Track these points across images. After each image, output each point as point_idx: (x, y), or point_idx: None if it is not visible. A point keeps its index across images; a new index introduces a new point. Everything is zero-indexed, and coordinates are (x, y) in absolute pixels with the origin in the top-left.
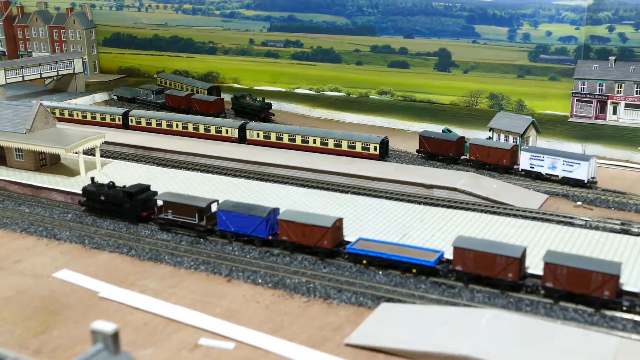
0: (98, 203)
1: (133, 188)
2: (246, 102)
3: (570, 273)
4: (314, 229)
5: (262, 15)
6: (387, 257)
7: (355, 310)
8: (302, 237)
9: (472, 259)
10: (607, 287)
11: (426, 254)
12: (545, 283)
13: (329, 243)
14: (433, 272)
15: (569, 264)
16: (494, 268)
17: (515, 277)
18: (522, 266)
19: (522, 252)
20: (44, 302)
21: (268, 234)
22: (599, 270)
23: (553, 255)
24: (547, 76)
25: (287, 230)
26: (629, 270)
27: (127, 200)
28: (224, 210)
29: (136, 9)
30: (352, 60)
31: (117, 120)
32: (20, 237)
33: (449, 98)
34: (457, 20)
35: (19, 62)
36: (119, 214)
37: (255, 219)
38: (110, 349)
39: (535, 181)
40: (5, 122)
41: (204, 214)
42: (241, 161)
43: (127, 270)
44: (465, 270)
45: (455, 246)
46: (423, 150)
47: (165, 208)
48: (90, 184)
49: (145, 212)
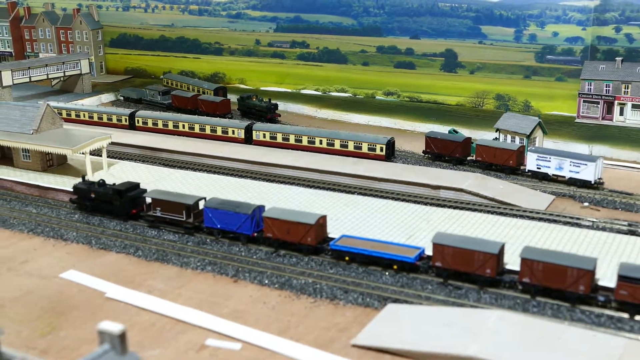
0: (88, 200)
1: (122, 186)
2: (252, 102)
3: (546, 268)
4: (298, 226)
5: (268, 16)
6: (368, 253)
7: (361, 311)
8: (287, 234)
9: (451, 255)
10: (582, 282)
11: (407, 250)
12: (522, 278)
13: (313, 240)
14: (414, 269)
15: (544, 260)
16: (472, 264)
17: (493, 273)
18: (500, 262)
19: (499, 248)
20: (51, 303)
21: (253, 230)
22: (574, 266)
23: (529, 250)
24: (554, 77)
25: (272, 227)
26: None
27: (116, 198)
28: (210, 208)
29: (142, 9)
30: (358, 60)
31: (123, 121)
32: (27, 238)
33: (455, 99)
34: (464, 21)
35: (26, 63)
36: (109, 211)
37: (240, 216)
38: (117, 349)
39: (542, 182)
40: (12, 122)
41: (192, 211)
42: (247, 162)
43: (133, 270)
44: (444, 267)
45: (435, 242)
46: (429, 151)
47: (153, 205)
48: (81, 182)
49: (134, 209)
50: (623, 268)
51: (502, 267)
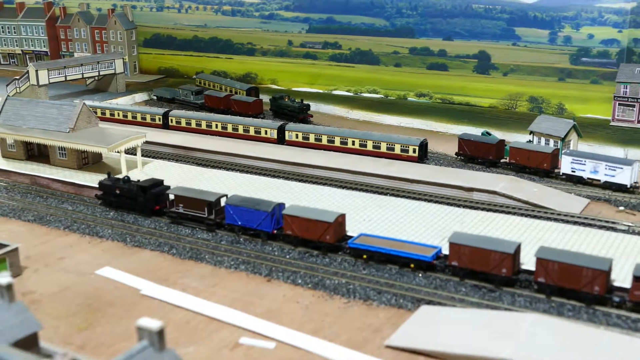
0: (113, 197)
1: (146, 182)
2: (284, 103)
3: (561, 268)
4: (317, 223)
5: (301, 16)
6: (386, 252)
7: (395, 312)
8: (306, 231)
9: (467, 255)
10: (597, 283)
11: (424, 249)
12: (537, 278)
13: (332, 238)
14: (430, 267)
15: (560, 260)
16: (489, 263)
17: (509, 272)
18: (515, 262)
19: (515, 247)
20: (87, 299)
21: (273, 228)
22: (589, 266)
23: (545, 251)
24: (589, 79)
25: (292, 225)
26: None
27: (140, 194)
28: (231, 205)
29: (176, 10)
30: (391, 62)
31: (157, 120)
32: (63, 235)
33: (488, 101)
34: (497, 22)
35: (61, 62)
36: (133, 207)
37: (260, 213)
38: (155, 345)
39: (577, 185)
40: (49, 121)
41: (213, 208)
42: (280, 162)
43: (168, 268)
44: (460, 266)
45: (451, 242)
46: (462, 152)
47: (176, 202)
48: (107, 178)
49: (157, 205)
50: (638, 269)
51: (518, 267)
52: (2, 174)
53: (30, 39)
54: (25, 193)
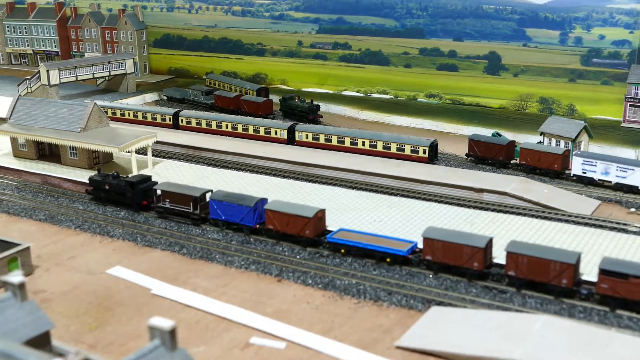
0: (103, 192)
1: (135, 178)
2: (294, 103)
3: (530, 262)
4: (297, 218)
5: (310, 17)
6: (363, 246)
7: (405, 313)
8: (286, 226)
9: (440, 249)
10: (564, 276)
11: (400, 244)
12: (508, 272)
13: (311, 232)
14: (406, 262)
15: (529, 253)
16: (461, 258)
17: (481, 266)
18: (487, 256)
19: (486, 242)
20: (98, 298)
21: (255, 222)
22: (557, 260)
23: (515, 245)
24: (600, 80)
25: (273, 220)
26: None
27: (128, 189)
28: (215, 200)
29: (186, 10)
30: (401, 62)
31: (167, 120)
32: (74, 234)
33: (498, 102)
34: (508, 23)
35: (72, 62)
36: (122, 202)
37: (243, 208)
38: (167, 345)
39: (587, 187)
40: (60, 120)
41: (198, 203)
42: (290, 162)
43: (178, 268)
44: (434, 260)
45: (425, 237)
46: (472, 153)
47: (163, 197)
48: (97, 174)
49: (145, 200)
50: (604, 262)
51: (490, 261)
52: (14, 173)
53: (41, 39)
54: (37, 192)
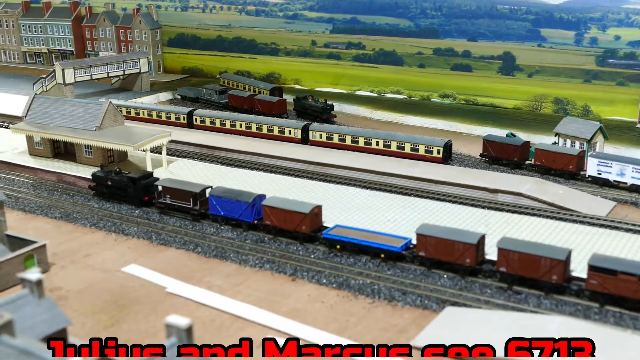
0: (106, 187)
1: (136, 174)
2: (308, 103)
3: (521, 258)
4: (294, 214)
5: (324, 17)
6: (357, 242)
7: (420, 313)
8: (284, 222)
9: (433, 246)
10: (555, 272)
11: (395, 240)
12: (499, 268)
13: (307, 228)
14: (399, 258)
15: (520, 250)
16: (453, 254)
17: (473, 262)
18: (479, 252)
19: (478, 239)
20: (113, 296)
21: (254, 218)
22: (547, 256)
23: (506, 241)
24: (615, 81)
25: (270, 216)
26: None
27: (130, 185)
28: (214, 196)
29: (200, 10)
30: (414, 62)
31: (181, 120)
32: (89, 232)
33: (512, 102)
34: (523, 23)
35: (87, 61)
36: (124, 198)
37: (242, 204)
38: (183, 342)
39: (603, 188)
40: (75, 119)
41: (198, 199)
42: (304, 162)
43: (193, 266)
44: (427, 256)
45: (418, 233)
46: (487, 154)
47: (163, 193)
48: (99, 170)
49: (146, 196)
50: (593, 258)
51: (483, 257)
52: (30, 171)
53: (56, 38)
54: (52, 190)
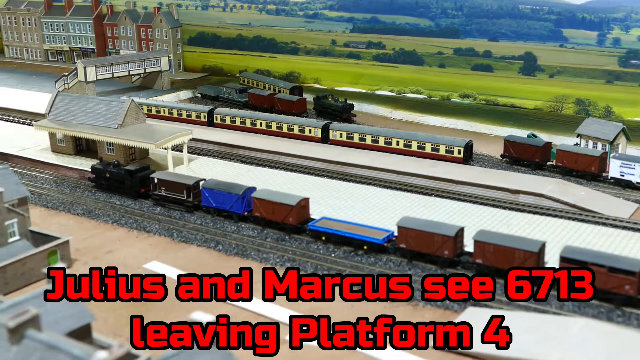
0: (104, 180)
1: (133, 167)
2: (328, 102)
3: (496, 250)
4: (282, 206)
5: (345, 16)
6: (341, 234)
7: (441, 314)
8: (272, 213)
9: (413, 238)
10: (528, 264)
11: (377, 232)
12: (475, 259)
13: (294, 220)
14: (381, 250)
15: (495, 242)
16: (432, 246)
17: (451, 254)
18: (457, 244)
19: (456, 231)
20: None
21: (244, 210)
22: (520, 248)
23: (482, 234)
24: (638, 82)
25: (260, 207)
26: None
27: (127, 177)
28: (207, 188)
29: (221, 8)
30: (435, 62)
31: (202, 118)
32: (111, 229)
33: (533, 102)
34: (544, 23)
35: (109, 60)
36: (121, 190)
37: (232, 196)
38: None
39: (625, 190)
40: (98, 116)
41: (192, 191)
42: (324, 161)
43: (214, 264)
44: (408, 248)
45: (399, 225)
46: (508, 154)
47: (159, 185)
48: (98, 163)
49: (143, 188)
50: (565, 250)
51: (461, 249)
52: (52, 168)
53: (77, 36)
54: (74, 187)
